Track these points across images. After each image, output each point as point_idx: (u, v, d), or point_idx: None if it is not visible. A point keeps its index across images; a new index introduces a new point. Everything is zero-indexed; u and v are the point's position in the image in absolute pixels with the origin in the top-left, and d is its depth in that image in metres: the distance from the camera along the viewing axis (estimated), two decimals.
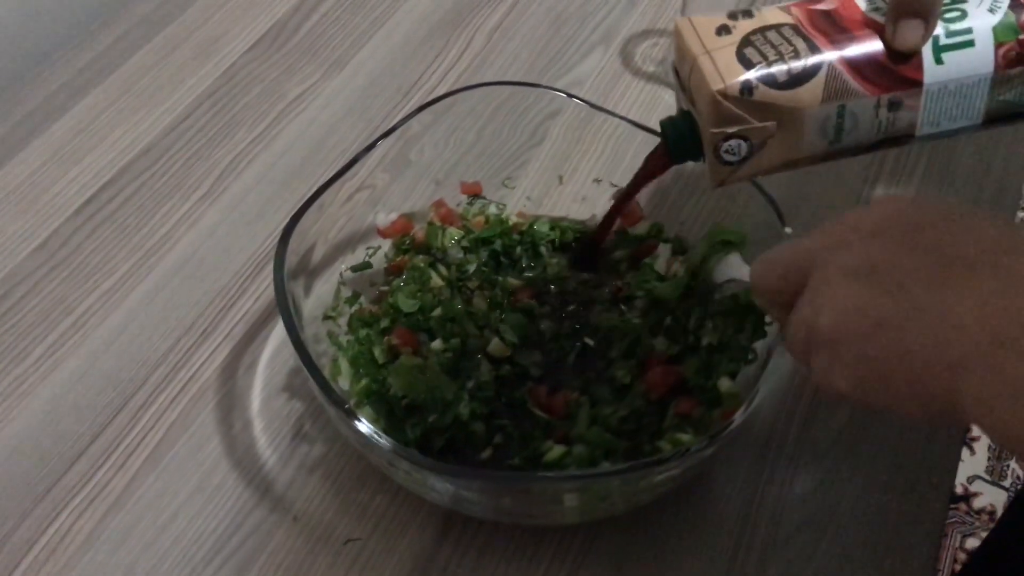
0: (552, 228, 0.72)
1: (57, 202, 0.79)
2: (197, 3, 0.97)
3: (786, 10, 0.53)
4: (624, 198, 0.65)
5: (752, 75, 0.50)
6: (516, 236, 0.72)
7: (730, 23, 0.52)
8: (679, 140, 0.56)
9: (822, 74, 0.50)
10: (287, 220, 0.61)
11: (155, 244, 0.76)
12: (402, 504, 0.62)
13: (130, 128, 0.85)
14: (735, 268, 0.64)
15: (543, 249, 0.72)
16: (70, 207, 0.79)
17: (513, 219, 0.73)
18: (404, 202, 0.71)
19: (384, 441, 0.52)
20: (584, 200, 0.74)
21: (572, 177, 0.74)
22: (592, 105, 0.71)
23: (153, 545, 0.60)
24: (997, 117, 0.53)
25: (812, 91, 0.50)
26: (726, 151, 0.52)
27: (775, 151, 0.52)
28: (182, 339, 0.70)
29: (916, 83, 0.51)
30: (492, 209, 0.74)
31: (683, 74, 0.54)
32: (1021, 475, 1.56)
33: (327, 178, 0.64)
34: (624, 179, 0.72)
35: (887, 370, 0.40)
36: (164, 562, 0.60)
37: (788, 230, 0.61)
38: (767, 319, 0.60)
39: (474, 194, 0.73)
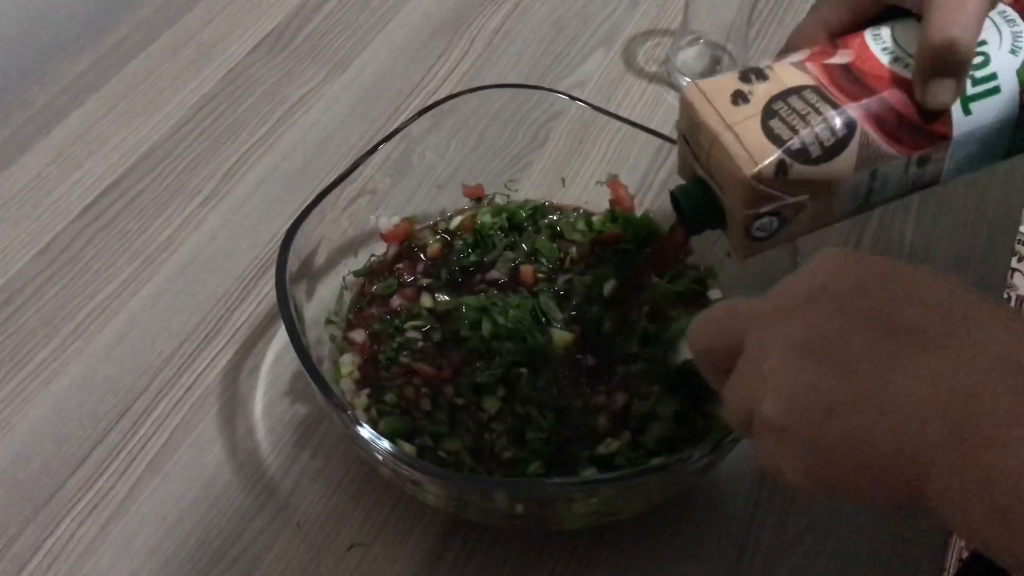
0: (496, 214, 0.72)
1: (59, 206, 0.79)
2: (198, 6, 0.97)
3: (802, 68, 0.49)
4: (646, 275, 0.63)
5: (785, 154, 0.47)
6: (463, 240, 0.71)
7: (745, 88, 0.49)
8: (697, 212, 0.52)
9: (855, 143, 0.47)
10: (289, 224, 0.61)
11: (157, 248, 0.76)
12: (405, 509, 0.62)
13: (131, 132, 0.85)
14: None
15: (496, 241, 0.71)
16: (72, 212, 0.79)
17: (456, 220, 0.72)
18: (406, 206, 0.71)
19: (386, 446, 0.52)
20: (587, 203, 0.74)
21: (575, 179, 0.74)
22: (594, 107, 0.70)
23: (156, 551, 0.60)
24: (1015, 151, 0.52)
25: (846, 161, 0.47)
26: (758, 228, 0.49)
27: (806, 219, 0.50)
28: (184, 344, 0.70)
29: (945, 137, 0.48)
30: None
31: (698, 146, 0.51)
32: None
33: (329, 181, 0.64)
34: (628, 181, 0.73)
35: (841, 461, 0.38)
36: (167, 568, 0.59)
37: None
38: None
39: (476, 197, 0.73)
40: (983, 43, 0.48)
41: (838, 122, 0.47)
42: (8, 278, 0.74)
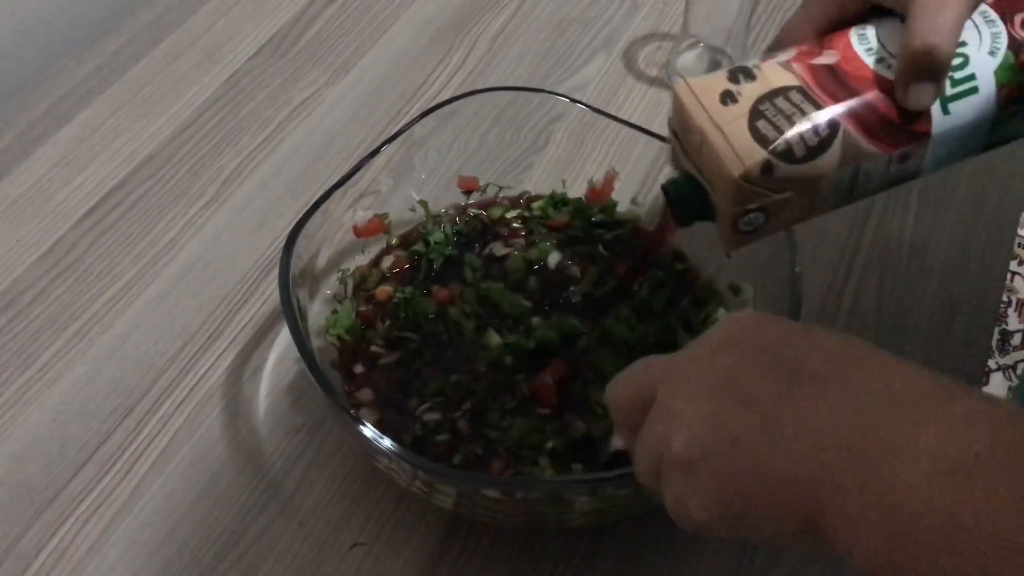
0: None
1: (62, 209, 0.80)
2: (201, 10, 0.98)
3: (787, 68, 0.50)
4: (639, 269, 0.64)
5: (771, 154, 0.48)
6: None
7: (733, 88, 0.50)
8: (687, 206, 0.54)
9: (838, 143, 0.48)
10: (292, 226, 0.62)
11: (160, 250, 0.77)
12: (408, 508, 0.62)
13: (135, 135, 0.86)
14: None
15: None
16: (75, 214, 0.79)
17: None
18: (407, 207, 0.72)
19: (388, 445, 0.52)
20: None
21: (575, 182, 0.75)
22: (595, 110, 0.71)
23: (160, 550, 0.60)
24: (994, 146, 0.53)
25: (829, 160, 0.49)
26: (745, 223, 0.51)
27: (791, 214, 0.51)
28: (187, 344, 0.71)
29: (925, 135, 0.50)
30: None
31: (688, 143, 0.52)
32: None
33: (331, 183, 0.65)
34: (628, 184, 0.73)
35: (746, 490, 0.39)
36: (171, 567, 0.60)
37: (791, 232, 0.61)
38: None
39: (470, 189, 0.74)
40: (963, 44, 0.49)
41: (822, 123, 0.48)
42: (12, 280, 0.75)
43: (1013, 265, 1.88)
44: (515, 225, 0.73)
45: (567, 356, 0.64)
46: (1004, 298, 1.81)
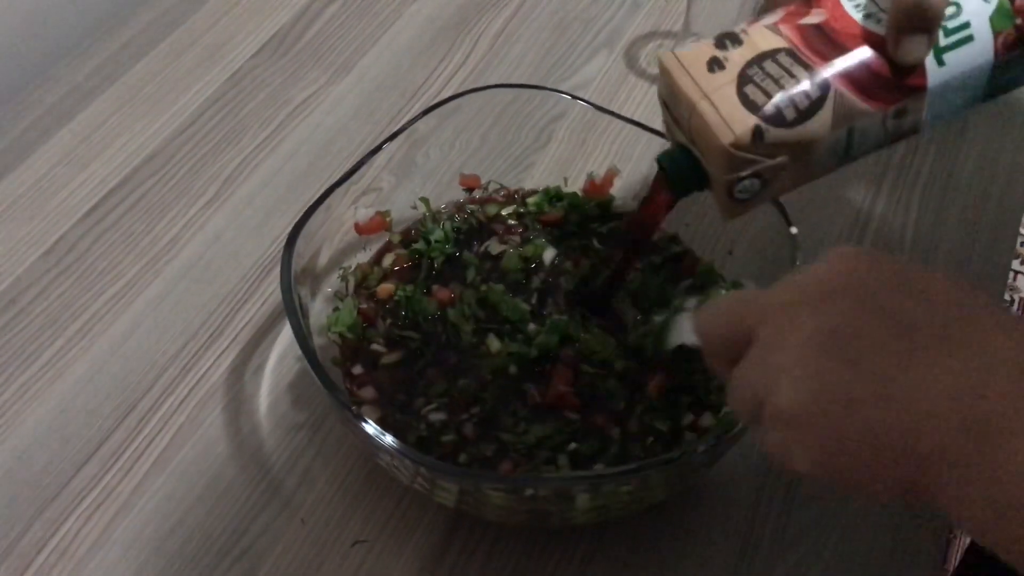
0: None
1: (64, 207, 0.80)
2: (203, 9, 0.98)
3: (775, 30, 0.50)
4: (634, 247, 0.64)
5: (761, 119, 0.48)
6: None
7: (720, 55, 0.49)
8: (681, 176, 0.54)
9: (829, 103, 0.48)
10: (293, 224, 0.61)
11: (162, 249, 0.77)
12: (409, 506, 0.62)
13: (136, 134, 0.86)
14: (686, 333, 0.55)
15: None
16: (77, 212, 0.79)
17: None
18: (409, 205, 0.72)
19: (390, 441, 0.52)
20: None
21: (577, 179, 0.74)
22: (597, 107, 0.71)
23: (162, 548, 0.60)
24: (996, 93, 0.52)
25: (822, 121, 0.48)
26: (740, 191, 0.50)
27: (787, 178, 0.51)
28: (189, 343, 0.71)
29: (921, 89, 0.49)
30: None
31: (678, 114, 0.52)
32: None
33: (333, 181, 0.64)
34: (629, 181, 0.73)
35: (856, 452, 0.38)
36: (173, 564, 0.60)
37: (793, 230, 0.61)
38: None
39: (472, 187, 0.74)
40: None
41: (812, 84, 0.48)
42: (14, 278, 0.75)
43: (1015, 264, 1.87)
44: (511, 222, 0.73)
45: (567, 353, 0.64)
46: (1007, 297, 1.81)
